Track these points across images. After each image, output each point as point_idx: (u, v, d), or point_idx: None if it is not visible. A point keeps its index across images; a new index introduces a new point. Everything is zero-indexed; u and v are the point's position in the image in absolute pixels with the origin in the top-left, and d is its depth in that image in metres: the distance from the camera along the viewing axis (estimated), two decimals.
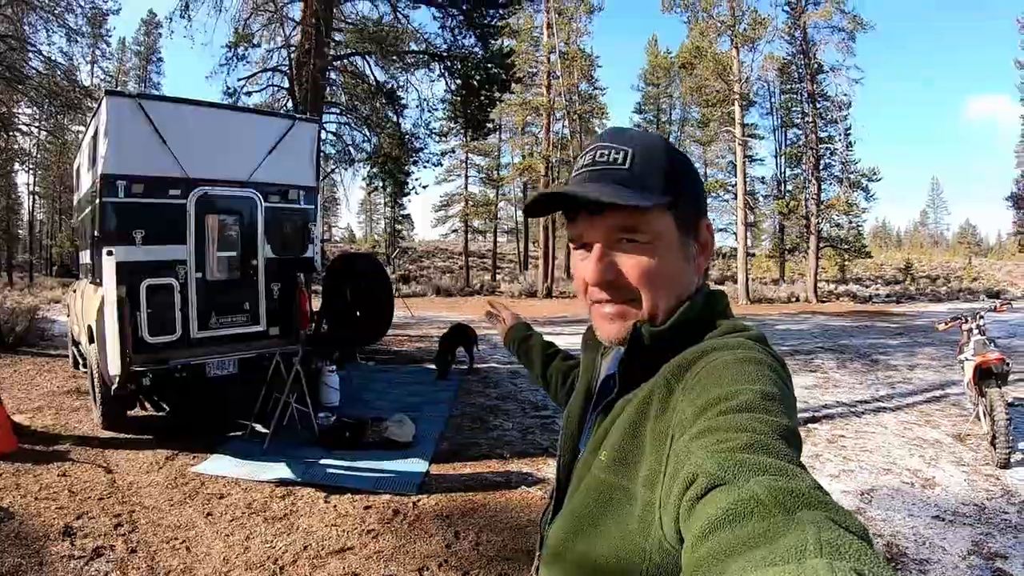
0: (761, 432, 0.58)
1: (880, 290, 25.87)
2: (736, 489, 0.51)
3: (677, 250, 0.80)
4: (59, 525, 3.60)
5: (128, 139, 4.80)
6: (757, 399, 0.63)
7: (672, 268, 0.80)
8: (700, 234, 0.83)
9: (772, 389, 0.66)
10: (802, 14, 23.01)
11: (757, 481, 0.51)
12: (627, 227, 0.78)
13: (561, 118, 27.31)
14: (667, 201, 0.77)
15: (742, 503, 0.49)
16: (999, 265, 44.51)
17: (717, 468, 0.54)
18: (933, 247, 64.91)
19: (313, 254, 5.95)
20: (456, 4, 10.23)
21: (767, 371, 0.69)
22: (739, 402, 0.63)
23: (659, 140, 0.82)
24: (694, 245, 0.83)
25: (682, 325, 0.79)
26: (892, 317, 17.43)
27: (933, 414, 6.56)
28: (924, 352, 10.78)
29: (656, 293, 0.80)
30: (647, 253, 0.78)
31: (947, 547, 3.49)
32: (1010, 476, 4.62)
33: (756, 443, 0.56)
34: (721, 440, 0.58)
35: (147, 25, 35.80)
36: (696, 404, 0.66)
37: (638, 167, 0.78)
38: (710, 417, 0.63)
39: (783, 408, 0.63)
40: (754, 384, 0.66)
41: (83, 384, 7.29)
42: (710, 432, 0.60)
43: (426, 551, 3.45)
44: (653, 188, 0.77)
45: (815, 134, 24.00)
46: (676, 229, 0.80)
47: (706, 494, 0.53)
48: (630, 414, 0.76)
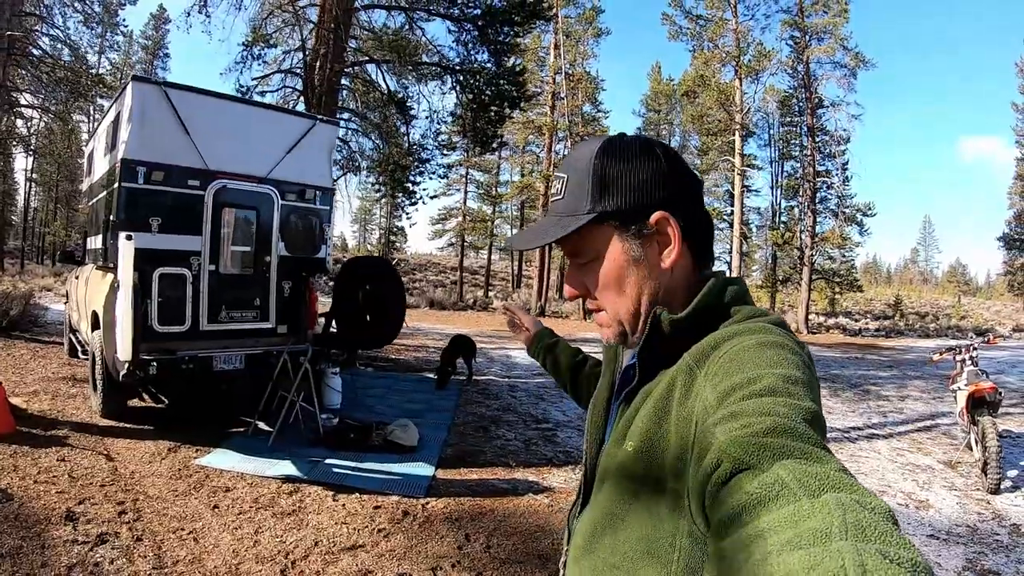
0: (785, 416, 0.58)
1: (869, 324, 26.07)
2: (761, 473, 0.51)
3: (622, 258, 0.81)
4: (61, 509, 3.52)
5: (151, 126, 4.79)
6: (780, 382, 0.63)
7: (619, 278, 0.81)
8: (654, 228, 0.80)
9: (795, 372, 0.66)
10: (805, 49, 23.41)
11: (782, 464, 0.51)
12: (572, 251, 0.85)
13: (563, 139, 27.52)
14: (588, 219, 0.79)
15: (767, 486, 0.49)
16: (987, 304, 45.19)
17: (742, 452, 0.54)
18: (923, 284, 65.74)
19: (325, 255, 5.95)
20: (472, 19, 10.35)
21: (789, 354, 0.69)
22: (762, 386, 0.63)
23: (589, 152, 0.82)
24: (651, 242, 0.81)
25: (700, 313, 0.78)
26: (882, 351, 17.59)
27: (924, 442, 6.67)
28: (914, 384, 10.90)
29: (612, 304, 0.83)
30: (593, 270, 0.83)
31: (943, 563, 3.64)
32: (1000, 501, 4.79)
33: (780, 426, 0.56)
34: (745, 424, 0.58)
35: (156, 20, 35.82)
36: (719, 389, 0.67)
37: (570, 192, 0.82)
38: (733, 402, 0.63)
39: (807, 391, 0.64)
40: (776, 368, 0.66)
41: (79, 371, 7.20)
42: (734, 417, 0.60)
43: (438, 551, 3.43)
44: (579, 210, 0.80)
45: (813, 167, 24.31)
46: (617, 236, 0.80)
47: (731, 479, 0.54)
48: (654, 402, 0.76)
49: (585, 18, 26.70)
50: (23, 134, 20.82)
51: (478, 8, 10.23)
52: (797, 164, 27.11)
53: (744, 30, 23.29)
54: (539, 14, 10.75)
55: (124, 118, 4.80)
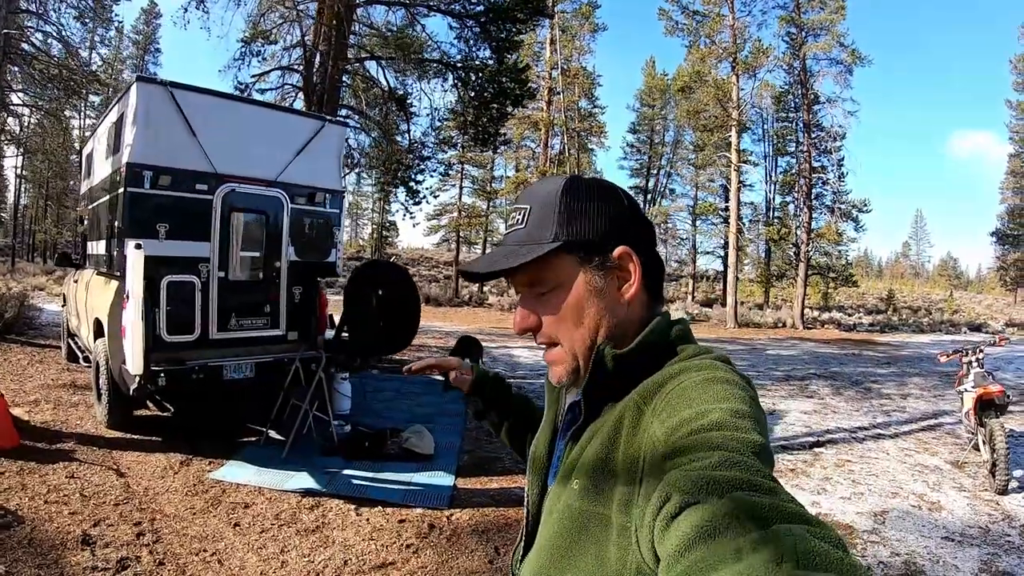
0: (733, 449, 0.58)
1: (863, 319, 26.30)
2: (711, 506, 0.51)
3: (584, 289, 0.80)
4: (76, 532, 3.39)
5: (156, 128, 4.63)
6: (727, 417, 0.63)
7: (578, 310, 0.81)
8: (616, 262, 0.81)
9: (741, 407, 0.66)
10: (802, 45, 23.52)
11: (731, 497, 0.51)
12: (530, 281, 0.83)
13: (559, 134, 27.46)
14: (552, 248, 0.78)
15: (717, 519, 0.49)
16: (979, 298, 45.80)
17: (690, 486, 0.54)
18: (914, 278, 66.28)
19: (336, 259, 5.83)
20: (474, 15, 10.21)
21: (736, 389, 0.69)
22: (709, 421, 0.63)
23: (555, 185, 0.83)
24: (607, 278, 0.81)
25: (644, 349, 0.79)
26: (878, 347, 17.71)
27: (930, 442, 6.72)
28: (914, 382, 10.99)
29: (567, 336, 0.82)
30: (550, 300, 0.82)
31: (959, 565, 3.69)
32: (1008, 501, 4.87)
33: (728, 460, 0.56)
34: (693, 459, 0.58)
35: (147, 15, 35.27)
36: (667, 425, 0.66)
37: (532, 222, 0.82)
38: (681, 437, 0.63)
39: (753, 425, 0.64)
40: (723, 403, 0.66)
41: (79, 378, 7.03)
42: (682, 452, 0.60)
43: (469, 567, 3.35)
44: (542, 239, 0.80)
45: (809, 163, 24.46)
46: (580, 267, 0.80)
47: (680, 513, 0.53)
48: (601, 439, 0.75)
49: (581, 13, 26.65)
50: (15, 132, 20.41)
51: (481, 4, 10.11)
52: (792, 160, 27.30)
53: (741, 26, 23.33)
54: (542, 11, 10.67)
55: (128, 120, 4.64)
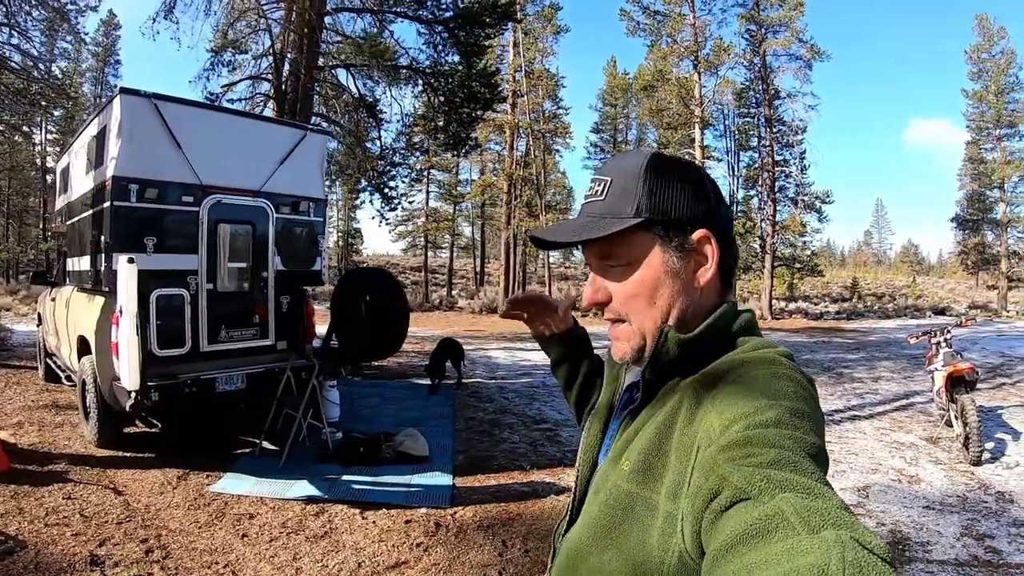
0: (789, 449, 0.58)
1: (829, 307, 27.00)
2: (761, 504, 0.51)
3: (659, 268, 0.80)
4: (83, 553, 3.34)
5: (141, 141, 4.58)
6: (786, 415, 0.63)
7: (651, 288, 0.80)
8: (695, 245, 0.80)
9: (801, 406, 0.66)
10: (762, 42, 24.07)
11: (783, 498, 0.51)
12: (604, 253, 0.82)
13: (524, 136, 27.59)
14: (633, 224, 0.77)
15: (767, 519, 0.49)
16: (941, 283, 47.31)
17: (744, 482, 0.54)
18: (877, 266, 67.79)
19: (321, 267, 5.83)
20: (443, 21, 10.27)
21: (797, 388, 0.69)
22: (768, 417, 0.63)
23: (639, 160, 0.82)
24: (685, 259, 0.80)
25: (708, 336, 0.78)
26: (846, 333, 18.24)
27: (904, 421, 7.01)
28: (883, 365, 11.37)
29: (637, 314, 0.81)
30: (624, 276, 0.81)
31: (942, 531, 3.95)
32: (983, 471, 5.15)
33: (783, 459, 0.56)
34: (748, 455, 0.58)
35: (107, 26, 34.26)
36: (724, 417, 0.66)
37: (612, 196, 0.81)
38: (738, 431, 0.63)
39: (811, 426, 0.64)
40: (784, 400, 0.66)
41: (59, 398, 6.88)
42: (737, 446, 0.60)
43: (481, 560, 3.43)
44: (623, 213, 0.79)
45: (771, 157, 25.05)
46: (660, 246, 0.80)
47: (730, 507, 0.54)
48: (656, 424, 0.75)
49: (544, 15, 26.81)
50: None
51: (449, 10, 10.17)
52: (755, 155, 27.86)
53: (702, 24, 23.84)
54: (510, 15, 10.76)
55: (112, 132, 4.58)
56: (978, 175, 30.23)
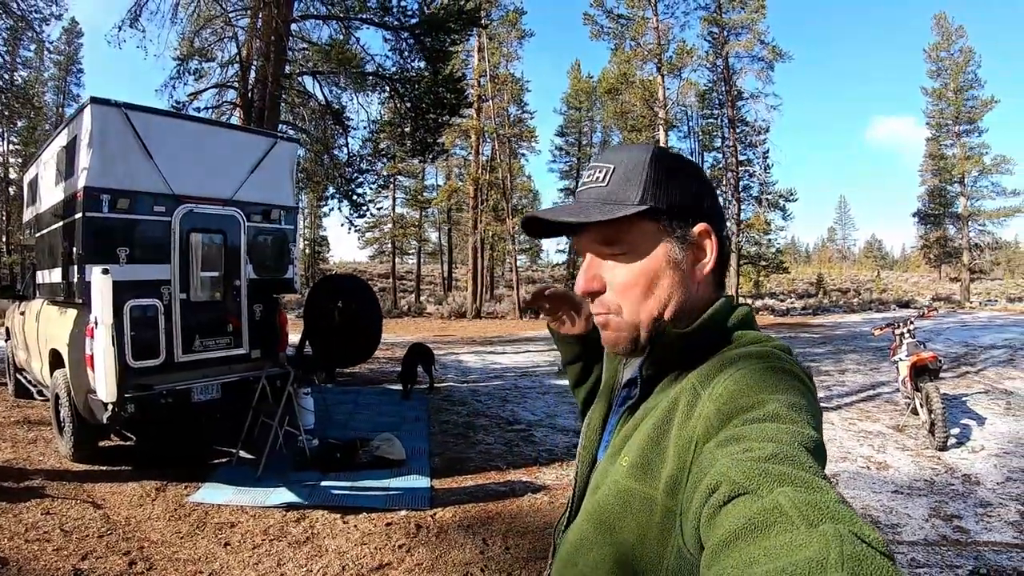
0: (787, 443, 0.58)
1: (795, 303, 27.69)
2: (760, 499, 0.51)
3: (660, 258, 0.79)
4: (66, 568, 3.31)
5: (113, 151, 4.55)
6: (784, 409, 0.63)
7: (651, 278, 0.79)
8: (696, 239, 0.80)
9: (799, 400, 0.66)
10: (724, 44, 24.63)
11: (782, 492, 0.51)
12: (604, 240, 0.80)
13: (490, 141, 27.67)
14: (637, 211, 0.76)
15: (765, 513, 0.49)
16: (905, 277, 48.66)
17: (742, 476, 0.54)
18: (842, 261, 69.09)
19: (293, 275, 5.84)
20: (409, 28, 10.30)
21: (795, 382, 0.70)
22: (766, 412, 0.63)
23: (644, 151, 0.82)
24: (686, 251, 0.80)
25: (706, 330, 0.78)
26: (813, 328, 18.72)
27: (871, 410, 7.25)
28: (850, 358, 11.71)
29: (635, 303, 0.80)
30: (624, 264, 0.80)
31: (911, 514, 4.09)
32: (949, 456, 5.36)
33: (782, 454, 0.56)
34: (747, 449, 0.58)
35: (68, 34, 33.32)
36: (723, 411, 0.66)
37: (615, 182, 0.79)
38: (737, 425, 0.63)
39: (809, 419, 0.64)
40: (781, 394, 0.66)
41: (31, 413, 6.75)
42: (736, 440, 0.60)
43: (463, 559, 3.51)
44: (629, 199, 0.78)
45: (735, 157, 25.61)
46: (662, 236, 0.79)
47: (729, 502, 0.54)
48: (655, 419, 0.75)
49: (508, 20, 26.91)
50: None
51: (415, 17, 10.22)
52: (719, 155, 28.43)
53: (665, 28, 24.27)
54: (476, 21, 10.86)
55: (83, 142, 4.53)
56: (939, 171, 31.17)
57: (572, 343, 1.21)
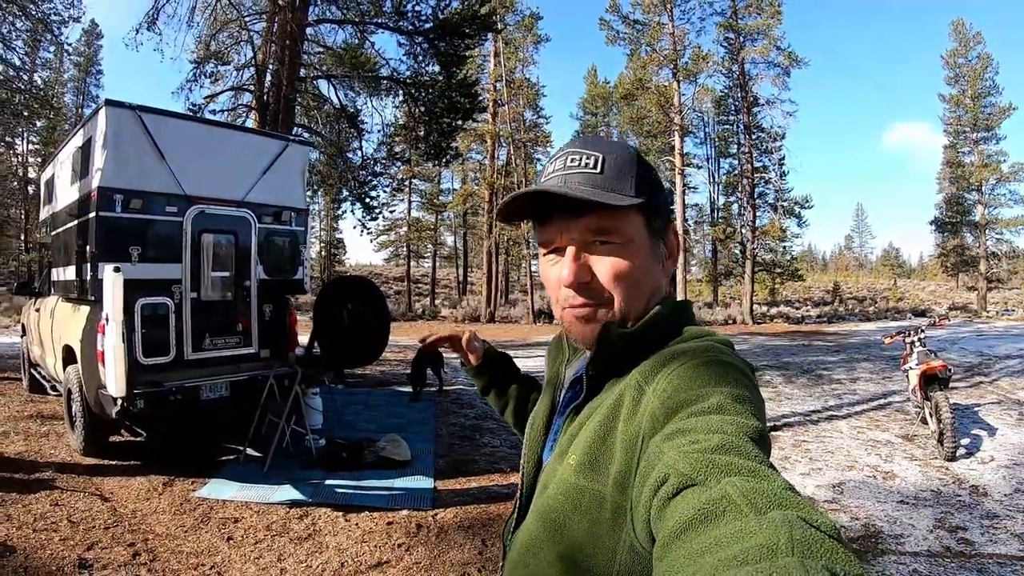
0: (732, 434, 0.59)
1: (811, 311, 27.35)
2: (708, 489, 0.52)
3: (648, 252, 0.82)
4: (71, 557, 3.40)
5: (126, 152, 4.66)
6: (728, 401, 0.64)
7: (643, 270, 0.81)
8: (668, 238, 0.85)
9: (742, 392, 0.67)
10: (740, 50, 24.55)
11: (729, 481, 0.51)
12: (601, 229, 0.80)
13: (505, 146, 27.77)
14: (640, 203, 0.79)
15: (714, 503, 0.50)
16: (922, 285, 48.00)
17: (689, 468, 0.55)
18: (858, 269, 68.15)
19: (303, 276, 5.92)
20: (423, 33, 10.40)
21: (737, 374, 0.71)
22: (710, 404, 0.64)
23: (628, 147, 0.84)
24: (663, 248, 0.84)
25: (651, 327, 0.79)
26: (827, 336, 18.51)
27: (881, 420, 7.15)
28: (862, 367, 11.52)
29: (628, 294, 0.81)
30: (621, 254, 0.80)
31: (915, 524, 4.05)
32: (957, 467, 5.27)
33: (727, 444, 0.57)
34: (693, 441, 0.59)
35: (88, 35, 34.05)
36: (667, 406, 0.67)
37: (610, 171, 0.79)
38: (681, 418, 0.64)
39: (753, 410, 0.65)
40: (724, 387, 0.67)
41: (44, 408, 6.89)
42: (682, 433, 0.61)
43: (461, 559, 3.53)
44: (624, 191, 0.78)
45: (751, 164, 25.44)
46: (647, 231, 0.81)
47: (678, 494, 0.54)
48: (600, 416, 0.75)
49: (524, 25, 27.03)
50: None
51: (429, 21, 10.31)
52: (735, 161, 28.32)
53: (681, 33, 24.21)
54: (489, 26, 10.94)
55: (97, 144, 4.64)
56: (956, 178, 30.80)
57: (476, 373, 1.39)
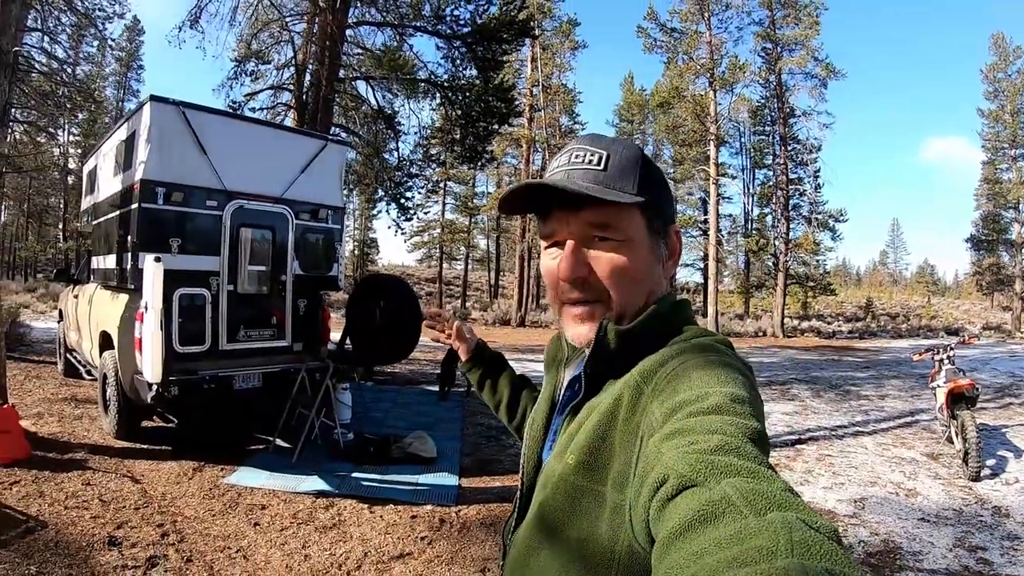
0: (731, 434, 0.58)
1: (843, 326, 26.86)
2: (707, 490, 0.51)
3: (648, 251, 0.82)
4: (101, 535, 3.52)
5: (169, 146, 4.81)
6: (727, 401, 0.64)
7: (642, 268, 0.81)
8: (669, 239, 0.85)
9: (741, 392, 0.66)
10: (778, 60, 24.29)
11: (728, 483, 0.51)
12: (602, 224, 0.80)
13: (541, 151, 27.83)
14: (642, 201, 0.79)
15: (713, 504, 0.49)
16: (957, 304, 46.79)
17: (688, 469, 0.54)
18: (892, 285, 66.74)
19: (337, 273, 6.03)
20: (461, 37, 10.52)
21: (736, 374, 0.70)
22: (709, 404, 0.64)
23: (633, 146, 0.84)
24: (664, 249, 0.84)
25: (649, 327, 0.79)
26: (857, 352, 18.14)
27: (907, 437, 7.06)
28: (891, 384, 11.32)
29: (626, 291, 0.81)
30: (619, 251, 0.80)
31: (935, 542, 4.04)
32: (981, 487, 5.20)
33: (726, 445, 0.56)
34: (692, 442, 0.58)
35: (130, 31, 35.15)
36: (666, 406, 0.67)
37: (613, 169, 0.80)
38: (680, 419, 0.63)
39: (752, 411, 0.64)
40: (723, 387, 0.67)
41: (79, 392, 7.12)
42: (680, 434, 0.61)
43: (482, 554, 3.57)
44: (626, 190, 0.79)
45: (786, 175, 25.10)
46: (647, 231, 0.82)
47: (677, 495, 0.54)
48: (599, 416, 0.75)
49: (562, 31, 27.09)
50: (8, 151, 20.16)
51: (467, 26, 10.43)
52: (770, 172, 27.93)
53: (718, 42, 24.02)
54: (527, 32, 11.01)
55: (142, 138, 4.80)
56: (994, 195, 29.96)
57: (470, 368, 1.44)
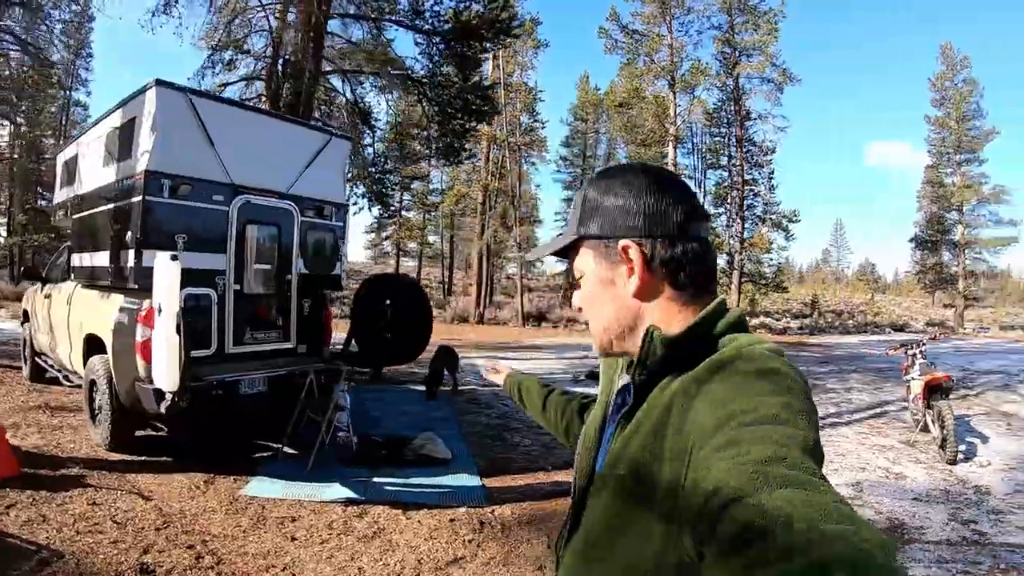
0: (783, 444, 0.58)
1: (791, 323, 27.80)
2: (761, 502, 0.51)
3: (598, 281, 0.85)
4: (130, 562, 3.18)
5: (176, 135, 4.51)
6: (779, 411, 0.63)
7: (598, 297, 0.85)
8: (621, 255, 0.82)
9: (795, 401, 0.66)
10: (736, 65, 24.99)
11: (780, 494, 0.51)
12: (571, 270, 0.91)
13: (501, 148, 27.75)
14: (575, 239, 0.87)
15: (767, 516, 0.49)
16: (898, 301, 49.17)
17: (739, 481, 0.54)
18: (835, 283, 69.43)
19: (340, 272, 5.82)
20: (441, 33, 10.36)
21: (789, 383, 0.69)
22: (761, 414, 0.63)
23: (584, 187, 0.89)
24: (620, 267, 0.82)
25: (694, 335, 0.77)
26: (811, 347, 18.89)
27: (880, 427, 7.53)
28: (854, 377, 11.87)
29: (593, 321, 0.87)
30: (583, 288, 0.89)
31: (932, 518, 4.45)
32: (959, 470, 5.70)
33: (778, 456, 0.56)
34: (743, 452, 0.58)
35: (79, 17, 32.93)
36: (717, 416, 0.65)
37: (571, 216, 0.90)
38: (731, 429, 0.62)
39: (805, 420, 0.63)
40: (775, 396, 0.65)
41: (50, 399, 6.61)
42: (732, 444, 0.60)
43: (534, 554, 3.54)
44: (569, 232, 0.88)
45: (741, 176, 25.92)
46: (599, 259, 0.84)
47: (728, 507, 0.53)
48: (649, 426, 0.74)
49: (524, 30, 27.01)
50: None
51: (449, 23, 10.27)
52: (724, 173, 28.72)
53: (679, 45, 24.54)
54: (508, 31, 10.90)
55: (145, 125, 4.48)
56: (937, 198, 31.65)
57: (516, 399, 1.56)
